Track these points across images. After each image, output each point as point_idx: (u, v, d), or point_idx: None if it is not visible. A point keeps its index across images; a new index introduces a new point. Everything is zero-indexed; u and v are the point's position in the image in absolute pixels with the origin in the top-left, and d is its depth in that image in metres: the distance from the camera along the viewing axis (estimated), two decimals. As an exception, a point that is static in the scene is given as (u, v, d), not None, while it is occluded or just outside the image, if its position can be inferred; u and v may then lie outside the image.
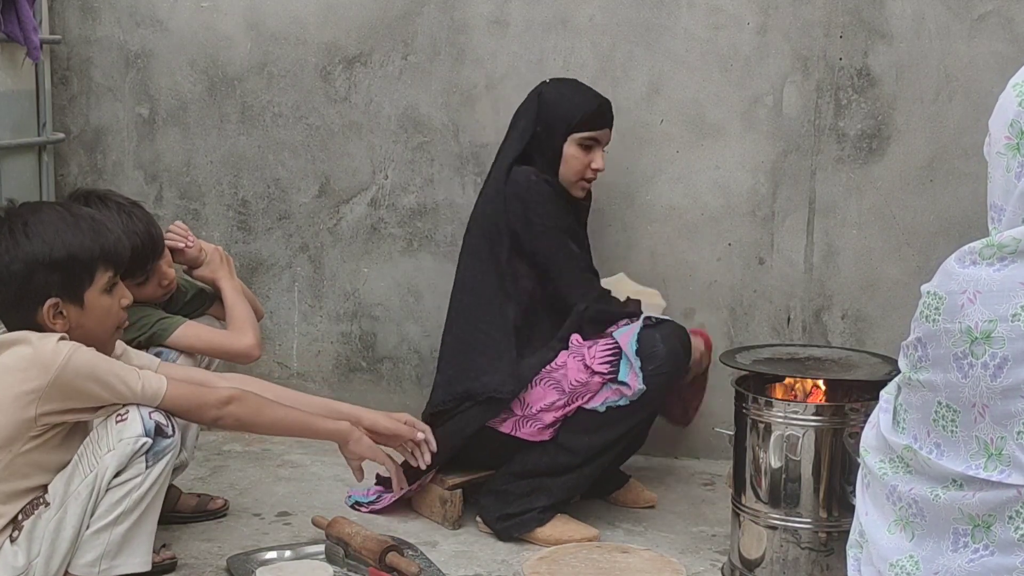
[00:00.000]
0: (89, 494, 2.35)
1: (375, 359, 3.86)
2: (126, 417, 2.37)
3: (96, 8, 3.82)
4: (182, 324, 2.89)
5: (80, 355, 2.34)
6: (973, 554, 1.80)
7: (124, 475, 2.36)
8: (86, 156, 3.88)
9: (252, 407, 2.57)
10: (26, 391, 2.31)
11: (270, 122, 3.80)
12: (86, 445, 2.39)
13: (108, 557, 2.38)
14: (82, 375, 2.33)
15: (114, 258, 2.45)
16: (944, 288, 1.82)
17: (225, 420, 2.54)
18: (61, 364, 2.30)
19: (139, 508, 2.39)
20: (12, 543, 2.35)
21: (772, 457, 2.68)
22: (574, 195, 3.21)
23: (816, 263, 3.62)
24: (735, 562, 2.81)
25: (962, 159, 3.50)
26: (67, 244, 2.38)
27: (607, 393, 2.97)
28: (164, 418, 2.41)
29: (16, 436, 2.33)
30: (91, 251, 2.41)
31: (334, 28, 3.73)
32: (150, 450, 2.37)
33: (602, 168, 3.19)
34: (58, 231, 2.39)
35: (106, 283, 2.44)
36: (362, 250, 3.82)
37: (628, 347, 2.96)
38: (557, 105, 3.16)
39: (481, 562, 2.91)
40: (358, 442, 2.71)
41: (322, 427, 2.70)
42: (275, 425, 2.66)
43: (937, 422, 1.84)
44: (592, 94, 3.20)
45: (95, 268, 2.42)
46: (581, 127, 3.14)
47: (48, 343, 2.33)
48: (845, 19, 3.52)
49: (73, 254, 2.38)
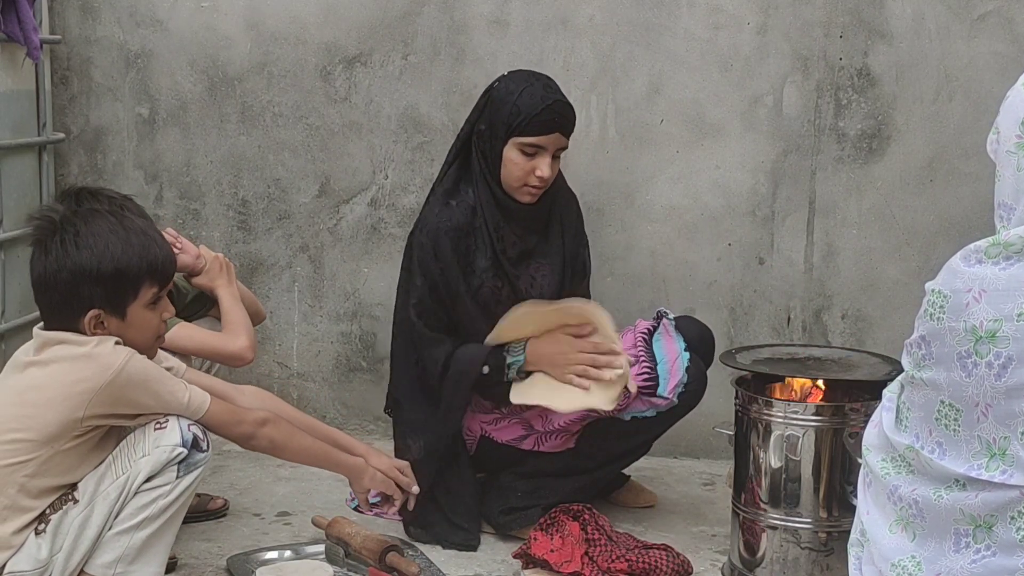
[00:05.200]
0: (118, 496, 2.36)
1: (375, 359, 3.85)
2: (165, 426, 2.39)
3: (96, 8, 3.81)
4: (176, 325, 2.89)
5: (136, 363, 2.36)
6: (975, 555, 1.80)
7: (154, 481, 2.38)
8: (86, 156, 3.88)
9: (285, 432, 2.64)
10: (79, 391, 2.32)
11: (270, 122, 3.80)
12: (121, 448, 2.40)
13: (125, 561, 2.39)
14: (135, 383, 2.35)
15: (160, 274, 2.44)
16: (949, 286, 1.81)
17: (259, 441, 2.59)
18: (117, 369, 2.32)
19: (163, 516, 2.40)
20: (37, 536, 2.36)
21: (772, 457, 2.68)
22: (520, 201, 2.98)
23: (816, 263, 3.62)
24: (735, 562, 2.81)
25: (962, 159, 3.51)
26: (116, 258, 2.37)
27: (637, 404, 2.96)
28: (201, 432, 2.43)
29: (60, 434, 2.34)
30: (138, 267, 2.39)
31: (334, 28, 3.73)
32: (183, 461, 2.39)
33: (547, 176, 2.92)
34: (108, 244, 2.37)
35: (150, 298, 2.43)
36: (362, 250, 3.82)
37: (679, 363, 2.94)
38: (502, 103, 2.92)
39: (481, 562, 2.91)
40: (372, 478, 2.82)
41: (342, 460, 2.80)
42: (301, 453, 2.72)
43: (939, 421, 1.84)
44: (542, 95, 2.90)
45: (140, 284, 2.40)
46: (522, 131, 2.89)
47: (106, 347, 2.34)
48: (845, 19, 3.52)
49: (120, 269, 2.37)
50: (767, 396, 2.72)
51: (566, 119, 2.94)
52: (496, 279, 2.99)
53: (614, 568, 2.69)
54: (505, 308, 3.00)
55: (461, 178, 3.02)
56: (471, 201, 2.98)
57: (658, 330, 3.03)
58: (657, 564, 2.72)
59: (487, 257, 2.98)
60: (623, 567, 2.69)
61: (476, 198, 2.98)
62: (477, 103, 3.04)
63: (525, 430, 3.07)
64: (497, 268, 2.99)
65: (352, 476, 2.81)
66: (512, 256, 3.03)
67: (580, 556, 2.70)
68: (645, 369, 2.94)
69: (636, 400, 2.96)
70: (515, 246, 3.03)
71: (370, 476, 2.80)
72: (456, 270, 2.94)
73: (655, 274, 3.67)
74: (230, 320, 3.00)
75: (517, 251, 3.04)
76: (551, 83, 2.98)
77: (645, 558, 2.72)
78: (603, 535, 2.75)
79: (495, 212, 2.99)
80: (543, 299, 3.03)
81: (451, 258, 2.93)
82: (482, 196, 2.98)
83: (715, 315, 3.61)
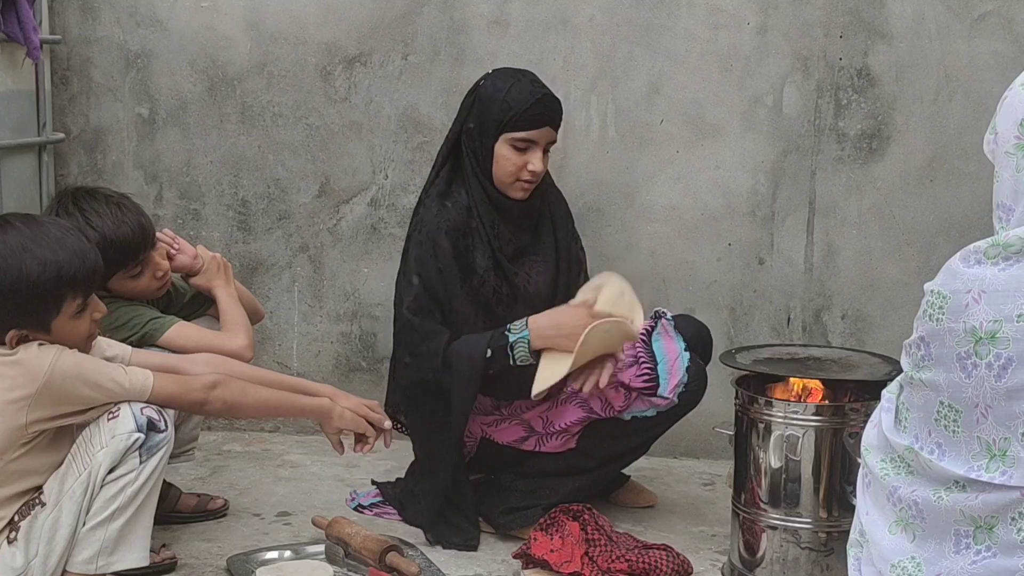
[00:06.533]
0: (84, 492, 2.34)
1: (375, 359, 3.85)
2: (118, 414, 2.37)
3: (96, 8, 3.81)
4: (174, 324, 2.89)
5: (65, 359, 2.32)
6: (976, 556, 1.80)
7: (118, 471, 2.36)
8: (86, 156, 3.88)
9: (237, 390, 2.56)
10: (13, 399, 2.29)
11: (270, 122, 3.80)
12: (79, 444, 2.38)
13: (105, 553, 2.38)
14: (70, 378, 2.32)
15: (82, 285, 2.37)
16: (949, 287, 1.81)
17: (212, 405, 2.53)
18: (48, 369, 2.29)
19: (134, 503, 2.38)
20: (10, 544, 2.35)
21: (772, 457, 2.68)
22: (513, 197, 2.99)
23: (816, 263, 3.62)
24: (735, 562, 2.81)
25: (962, 159, 3.51)
26: (29, 279, 2.28)
27: (637, 403, 2.97)
28: (156, 413, 2.40)
29: (7, 445, 2.32)
30: (55, 283, 2.31)
31: (334, 28, 3.73)
32: (143, 445, 2.37)
33: (540, 170, 2.95)
34: (22, 264, 2.28)
35: (75, 310, 2.37)
36: (362, 250, 3.82)
37: (679, 363, 2.94)
38: (491, 100, 2.93)
39: (481, 562, 2.91)
40: (340, 416, 2.71)
41: (306, 404, 2.71)
42: (260, 406, 2.66)
43: (939, 422, 1.84)
44: (529, 90, 2.93)
45: (62, 300, 2.34)
46: (513, 127, 2.91)
47: (31, 351, 2.31)
48: (845, 19, 3.52)
49: (36, 289, 2.29)
50: (767, 396, 2.72)
51: (555, 112, 2.97)
52: (496, 278, 3.00)
53: (614, 568, 2.69)
54: (504, 307, 3.00)
55: (453, 179, 3.02)
56: (465, 201, 2.99)
57: (656, 330, 3.04)
58: (657, 564, 2.72)
59: (486, 256, 2.98)
60: (623, 567, 2.69)
61: (470, 198, 2.99)
62: (463, 103, 3.04)
63: (525, 431, 3.07)
64: (497, 267, 3.00)
65: (320, 418, 2.71)
66: (509, 254, 3.03)
67: (580, 556, 2.70)
68: (645, 369, 2.94)
69: (636, 400, 2.96)
70: (511, 244, 3.04)
71: (338, 414, 2.70)
72: (455, 270, 2.94)
73: (655, 274, 3.67)
74: (229, 319, 3.00)
75: (513, 248, 3.04)
76: (536, 78, 3.00)
77: (645, 558, 2.72)
78: (603, 535, 2.75)
79: (490, 210, 2.99)
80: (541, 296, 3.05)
81: (450, 258, 2.93)
82: (475, 195, 2.98)
83: (715, 315, 3.62)
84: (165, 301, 3.06)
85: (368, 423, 2.74)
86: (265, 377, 2.75)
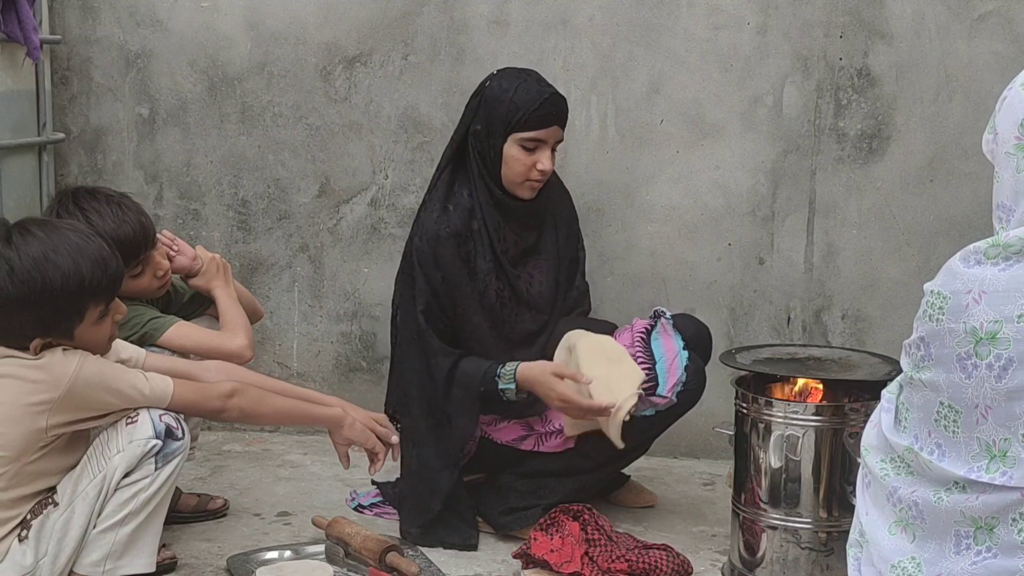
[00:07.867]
0: (97, 495, 2.36)
1: (375, 359, 3.85)
2: (136, 419, 2.38)
3: (96, 8, 3.81)
4: (174, 324, 2.90)
5: (89, 365, 2.34)
6: (976, 556, 1.80)
7: (133, 476, 2.37)
8: (86, 156, 3.88)
9: (254, 398, 2.59)
10: (35, 403, 2.30)
11: (270, 122, 3.80)
12: (95, 447, 2.40)
13: (113, 557, 2.39)
14: (93, 385, 2.34)
15: (104, 293, 2.37)
16: (949, 287, 1.81)
17: (229, 413, 2.56)
18: (72, 376, 2.31)
19: (146, 509, 2.40)
20: (20, 542, 2.36)
21: (772, 457, 2.68)
22: (521, 197, 3.00)
23: (816, 263, 3.62)
24: (735, 562, 2.81)
25: (962, 159, 3.51)
26: (53, 290, 2.29)
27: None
28: (174, 420, 2.42)
29: (26, 448, 2.33)
30: (78, 293, 2.31)
31: (334, 28, 3.73)
32: (159, 452, 2.38)
33: (549, 169, 2.96)
34: (45, 274, 2.28)
35: (98, 316, 2.38)
36: (362, 250, 3.82)
37: (678, 362, 2.94)
38: (498, 102, 2.92)
39: (481, 562, 2.91)
40: (351, 426, 2.73)
41: (319, 413, 2.74)
42: (276, 414, 2.69)
43: (939, 422, 1.84)
44: (536, 89, 2.93)
45: (84, 308, 2.35)
46: (522, 127, 2.91)
47: (55, 356, 2.33)
48: (845, 19, 3.52)
49: (58, 299, 2.30)
50: (767, 396, 2.72)
51: (562, 111, 2.98)
52: (498, 281, 3.00)
53: (614, 568, 2.69)
54: (508, 310, 3.01)
55: (456, 181, 3.02)
56: (468, 204, 2.98)
57: (656, 329, 3.04)
58: (657, 564, 2.72)
59: (487, 259, 2.99)
60: (623, 567, 2.69)
61: (474, 200, 2.98)
62: (469, 105, 3.04)
63: (525, 431, 3.07)
64: (498, 270, 3.00)
65: (332, 426, 2.74)
66: (512, 256, 3.03)
67: (580, 556, 2.70)
68: (644, 369, 2.94)
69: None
70: (516, 245, 3.04)
71: (349, 424, 2.72)
72: (458, 275, 2.95)
73: (655, 274, 3.67)
74: (228, 319, 3.00)
75: (518, 250, 3.05)
76: (541, 77, 3.01)
77: (645, 558, 2.72)
78: (603, 535, 2.75)
79: (494, 213, 2.99)
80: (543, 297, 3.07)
81: (453, 263, 2.94)
82: (480, 197, 2.98)
83: (715, 315, 3.62)
84: (164, 301, 3.07)
85: (376, 437, 2.77)
86: (275, 386, 2.79)
